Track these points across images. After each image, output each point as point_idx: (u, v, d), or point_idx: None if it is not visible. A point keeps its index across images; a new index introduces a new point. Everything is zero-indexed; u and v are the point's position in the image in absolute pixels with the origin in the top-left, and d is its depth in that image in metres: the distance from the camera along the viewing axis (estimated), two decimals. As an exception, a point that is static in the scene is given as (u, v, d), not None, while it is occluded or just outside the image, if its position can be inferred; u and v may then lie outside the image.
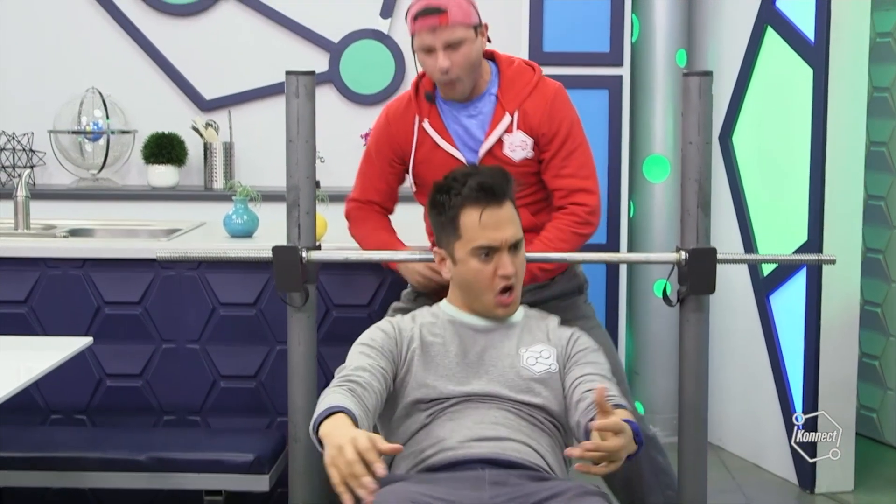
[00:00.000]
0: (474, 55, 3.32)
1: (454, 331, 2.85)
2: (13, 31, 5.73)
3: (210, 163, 5.58)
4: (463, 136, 3.39)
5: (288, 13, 5.71)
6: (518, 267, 2.79)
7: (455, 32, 3.27)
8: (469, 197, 2.76)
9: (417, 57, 3.36)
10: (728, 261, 3.04)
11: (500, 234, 2.76)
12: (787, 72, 4.41)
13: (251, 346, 4.01)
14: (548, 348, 2.83)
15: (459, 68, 3.28)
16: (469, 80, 3.34)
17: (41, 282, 3.98)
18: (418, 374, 2.78)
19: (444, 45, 3.26)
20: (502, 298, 2.80)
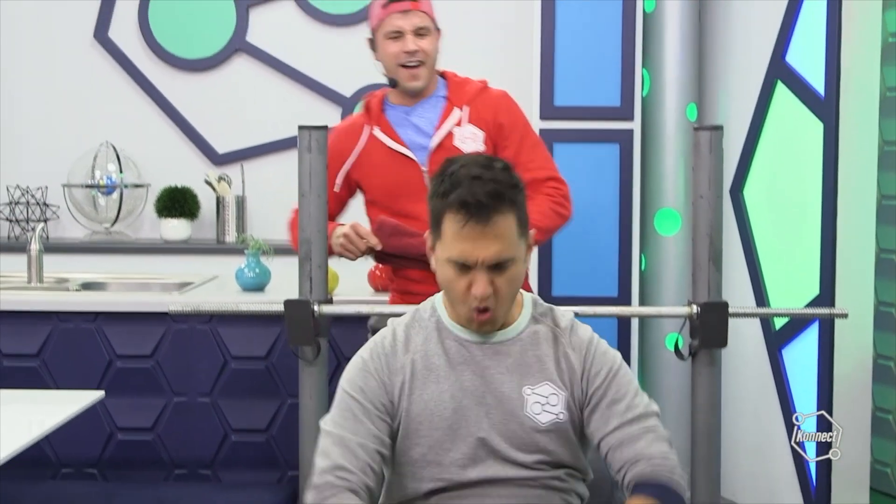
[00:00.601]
0: (436, 49, 3.54)
1: (452, 354, 2.44)
2: (28, 85, 5.77)
3: (222, 216, 5.60)
4: (413, 136, 3.50)
5: (300, 68, 5.74)
6: (501, 287, 2.35)
7: (424, 19, 3.49)
8: (451, 205, 2.34)
9: (380, 47, 3.52)
10: (740, 314, 3.04)
11: (477, 251, 2.32)
12: (798, 126, 4.42)
13: (262, 399, 4.00)
14: (556, 392, 2.41)
15: (425, 55, 3.47)
16: (429, 73, 3.52)
17: (53, 335, 3.99)
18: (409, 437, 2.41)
19: (414, 30, 3.46)
20: (476, 315, 2.37)
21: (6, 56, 5.76)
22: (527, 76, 4.94)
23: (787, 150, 4.56)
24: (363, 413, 2.37)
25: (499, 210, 2.32)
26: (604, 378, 2.42)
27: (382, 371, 2.41)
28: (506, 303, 2.40)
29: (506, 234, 2.34)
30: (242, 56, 5.78)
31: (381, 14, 3.49)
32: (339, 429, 2.36)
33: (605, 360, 2.45)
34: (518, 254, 2.37)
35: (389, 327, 2.50)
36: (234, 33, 5.76)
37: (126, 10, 5.75)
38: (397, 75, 3.50)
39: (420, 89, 3.52)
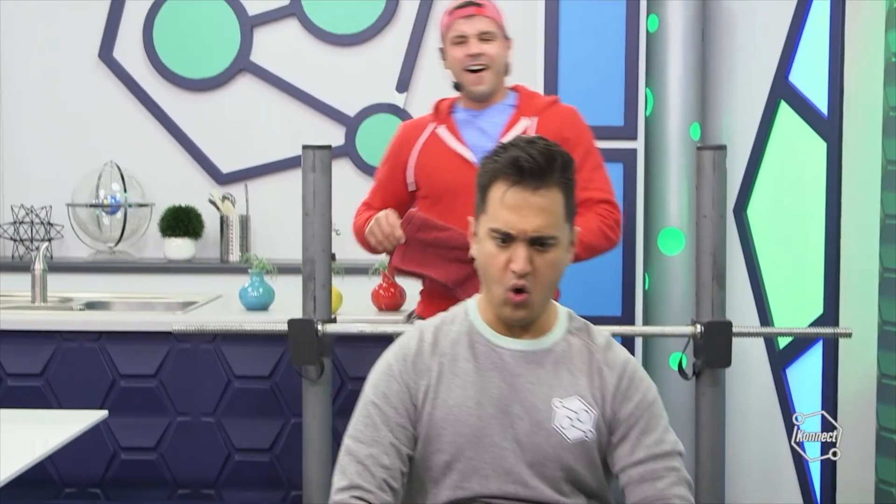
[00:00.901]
0: (501, 56, 3.53)
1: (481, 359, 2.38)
2: (33, 104, 5.78)
3: (226, 236, 5.61)
4: (476, 138, 3.50)
5: (304, 87, 5.76)
6: (540, 268, 2.28)
7: (488, 24, 3.50)
8: (500, 169, 2.29)
9: (447, 54, 3.54)
10: (743, 334, 3.04)
11: (520, 220, 2.26)
12: (801, 145, 4.42)
13: (266, 419, 4.00)
14: (587, 409, 2.34)
15: (490, 59, 3.47)
16: (495, 77, 3.51)
17: (57, 354, 3.99)
18: (431, 443, 2.36)
19: (478, 34, 3.47)
20: (511, 296, 2.30)
21: (11, 75, 5.77)
22: (530, 96, 4.94)
23: (790, 170, 4.57)
24: (383, 421, 2.34)
25: (550, 178, 2.27)
26: (637, 405, 2.38)
27: (407, 373, 2.37)
28: (543, 290, 2.33)
29: (552, 209, 2.28)
30: (246, 76, 5.79)
31: (447, 20, 3.54)
32: (357, 443, 2.33)
33: (640, 387, 2.40)
34: (561, 236, 2.31)
35: (417, 328, 2.45)
36: (239, 53, 5.77)
37: (131, 30, 5.77)
38: (463, 80, 3.52)
39: (486, 94, 3.52)
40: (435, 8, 5.70)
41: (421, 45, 5.71)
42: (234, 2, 5.76)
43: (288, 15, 5.77)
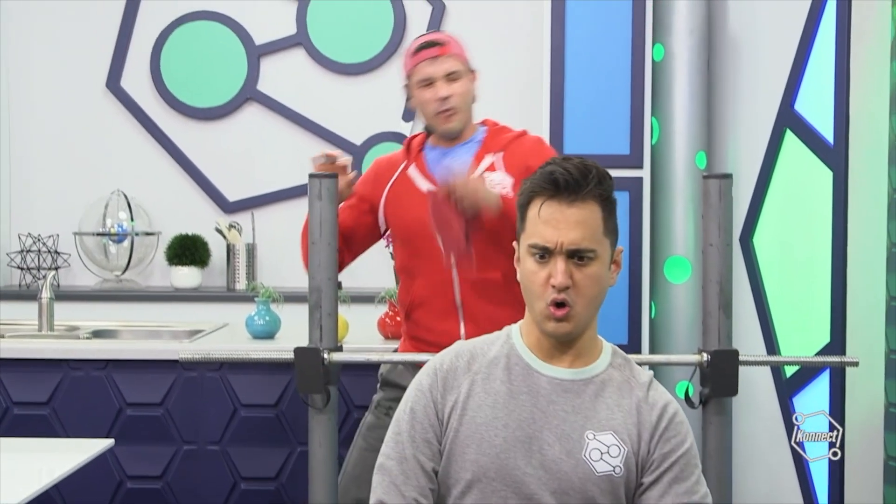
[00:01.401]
0: (469, 92, 3.52)
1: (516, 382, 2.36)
2: (41, 133, 5.81)
3: (233, 264, 5.62)
4: (444, 176, 3.45)
5: (311, 116, 5.78)
6: (581, 282, 2.28)
7: (454, 64, 3.48)
8: (536, 185, 2.31)
9: (414, 96, 3.51)
10: (750, 362, 3.04)
11: (556, 233, 2.27)
12: (807, 174, 4.43)
13: (272, 447, 4.00)
14: (618, 444, 2.32)
15: (458, 98, 3.46)
16: (465, 115, 3.51)
17: (64, 383, 3.99)
18: (455, 461, 2.34)
19: (444, 75, 3.45)
20: (553, 310, 2.29)
21: (19, 104, 5.80)
22: (536, 124, 4.96)
23: (796, 198, 4.57)
24: (409, 438, 2.35)
25: (587, 192, 2.29)
26: (673, 450, 2.34)
27: (436, 388, 2.37)
28: (586, 305, 2.32)
29: (589, 222, 2.30)
30: (253, 105, 5.81)
31: (411, 63, 3.50)
32: (387, 460, 2.35)
33: (679, 431, 2.37)
34: (601, 251, 2.31)
35: (455, 346, 2.46)
36: (245, 82, 5.80)
37: (138, 60, 5.80)
38: (433, 122, 3.50)
39: (457, 131, 3.51)
40: (441, 37, 5.72)
41: (427, 74, 5.73)
42: (241, 31, 5.78)
43: (295, 44, 5.80)
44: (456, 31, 5.72)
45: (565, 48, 4.83)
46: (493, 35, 5.72)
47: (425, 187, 3.45)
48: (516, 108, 5.60)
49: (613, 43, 4.83)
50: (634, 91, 4.83)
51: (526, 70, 5.61)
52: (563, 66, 4.82)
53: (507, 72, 5.69)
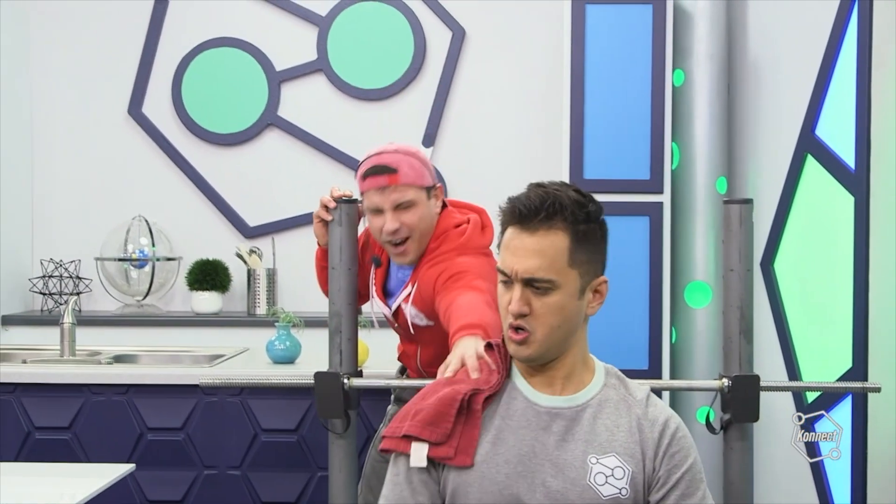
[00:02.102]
0: (427, 219, 3.23)
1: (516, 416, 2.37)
2: (63, 159, 5.84)
3: (253, 289, 5.63)
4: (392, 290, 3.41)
5: (331, 142, 5.79)
6: (538, 310, 2.29)
7: (406, 193, 3.20)
8: (504, 211, 2.35)
9: (366, 217, 3.26)
10: (772, 388, 3.02)
11: (514, 261, 2.29)
12: (828, 199, 4.41)
13: (292, 472, 3.99)
14: (622, 466, 2.32)
15: (409, 229, 3.21)
16: (419, 244, 3.25)
17: (85, 408, 4.00)
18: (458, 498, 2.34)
19: (394, 206, 3.19)
20: (511, 334, 2.33)
21: (42, 131, 5.83)
22: (556, 149, 4.97)
23: (817, 224, 4.56)
24: (406, 482, 2.36)
25: (549, 222, 2.29)
26: (678, 465, 2.36)
27: None
28: (547, 334, 2.32)
29: (549, 252, 2.29)
30: (274, 130, 5.83)
31: (362, 186, 3.25)
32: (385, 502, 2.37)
33: (683, 446, 2.39)
34: (562, 281, 2.30)
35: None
36: (266, 108, 5.82)
37: (160, 87, 5.83)
38: (386, 249, 3.31)
39: (412, 262, 3.29)
40: (461, 63, 5.74)
41: (447, 100, 5.74)
42: (261, 57, 5.81)
43: (315, 70, 5.82)
44: (475, 56, 5.75)
45: (585, 74, 4.83)
46: (513, 61, 5.74)
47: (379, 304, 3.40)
48: (537, 133, 5.62)
49: (634, 68, 4.83)
50: (655, 116, 4.83)
51: (546, 95, 5.62)
52: (583, 91, 4.83)
53: (527, 97, 5.70)
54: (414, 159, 3.23)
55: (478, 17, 5.77)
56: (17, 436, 3.99)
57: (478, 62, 5.76)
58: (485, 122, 5.73)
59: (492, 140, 5.71)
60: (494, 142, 5.71)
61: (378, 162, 3.21)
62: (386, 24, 5.79)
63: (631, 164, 4.87)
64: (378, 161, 3.21)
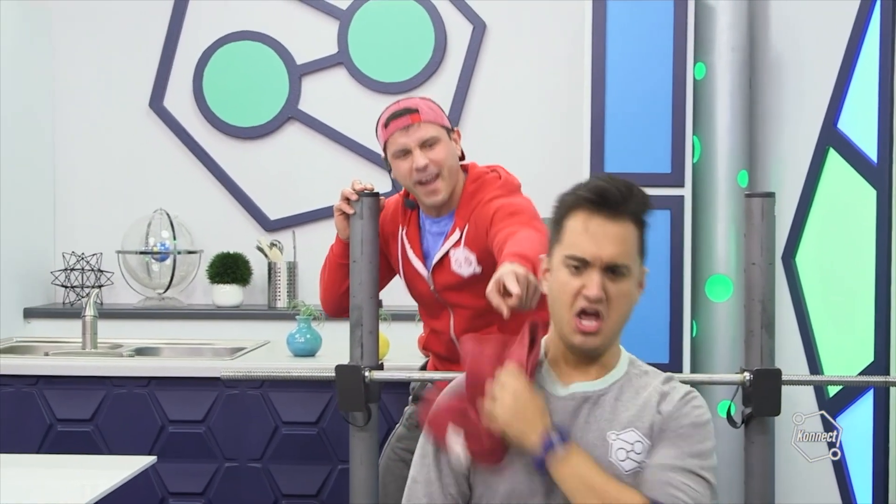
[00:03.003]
0: (452, 156, 3.33)
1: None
2: (84, 153, 5.85)
3: (274, 282, 5.64)
4: (430, 247, 3.43)
5: (352, 135, 5.80)
6: (614, 296, 2.33)
7: (428, 130, 3.29)
8: (580, 199, 2.35)
9: (392, 167, 3.36)
10: (793, 382, 3.02)
11: (596, 247, 2.31)
12: (850, 192, 4.40)
13: (313, 465, 4.00)
14: (641, 440, 2.35)
15: (437, 165, 3.29)
16: (449, 182, 3.32)
17: (107, 400, 4.02)
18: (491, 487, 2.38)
19: (419, 144, 3.28)
20: (580, 322, 2.34)
21: (63, 124, 5.85)
22: (577, 142, 4.96)
23: (839, 217, 4.54)
24: (435, 461, 2.42)
25: (627, 210, 2.35)
26: (685, 415, 2.38)
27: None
28: (617, 321, 2.37)
29: (628, 240, 2.35)
30: (295, 124, 5.84)
31: (384, 134, 3.35)
32: (414, 483, 2.43)
33: (693, 409, 2.41)
34: (634, 269, 2.37)
35: (457, 382, 2.51)
36: (287, 101, 5.82)
37: (181, 80, 5.84)
38: (415, 193, 3.36)
39: (443, 202, 3.35)
40: (482, 56, 5.74)
41: (468, 93, 5.74)
42: (282, 51, 5.82)
43: (336, 64, 5.82)
44: (496, 49, 5.75)
45: (606, 66, 4.82)
46: (534, 53, 5.73)
47: (419, 266, 3.42)
48: (558, 126, 5.61)
49: (655, 61, 4.82)
50: (676, 109, 4.82)
51: (567, 89, 5.61)
52: (604, 84, 4.82)
53: (548, 90, 5.70)
54: (431, 102, 3.36)
55: (499, 10, 5.76)
56: (40, 428, 4.01)
57: (498, 56, 5.75)
58: (505, 115, 5.72)
59: (512, 134, 5.71)
60: (515, 136, 5.71)
61: (398, 107, 3.33)
62: (407, 18, 5.79)
63: (652, 158, 4.86)
64: (398, 106, 3.33)
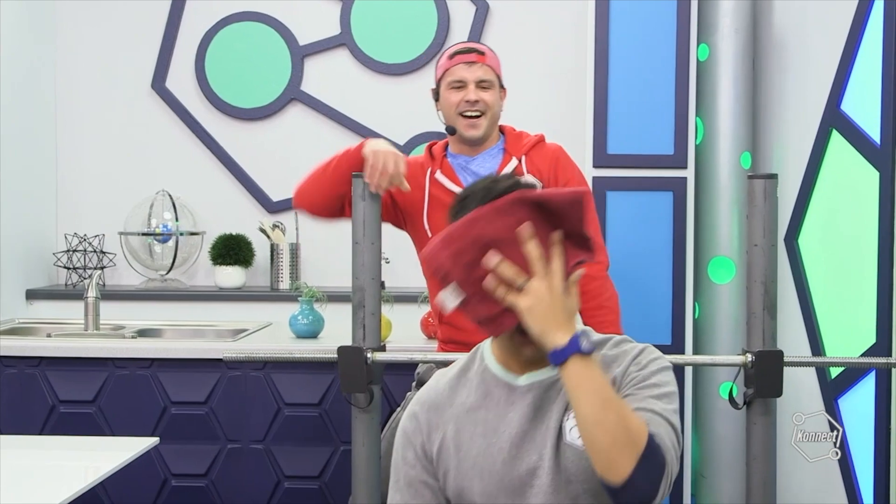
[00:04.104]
0: (498, 105, 3.60)
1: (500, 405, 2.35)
2: (87, 134, 5.85)
3: (276, 264, 5.64)
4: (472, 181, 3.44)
5: (355, 116, 5.79)
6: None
7: (488, 73, 3.56)
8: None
9: (443, 97, 3.57)
10: (795, 363, 3.02)
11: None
12: (853, 174, 4.39)
13: (315, 446, 4.01)
14: None
15: (486, 105, 3.53)
16: (489, 124, 3.56)
17: (109, 382, 4.02)
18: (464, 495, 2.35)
19: (477, 81, 3.53)
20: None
21: (65, 105, 5.84)
22: (580, 124, 4.95)
23: (842, 199, 4.54)
24: (407, 486, 2.38)
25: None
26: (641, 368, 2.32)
27: (420, 432, 2.40)
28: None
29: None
30: (297, 105, 5.83)
31: (447, 64, 3.56)
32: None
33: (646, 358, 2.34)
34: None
35: (435, 381, 2.46)
36: (289, 83, 5.82)
37: (183, 61, 5.83)
38: (457, 124, 3.55)
39: (479, 139, 3.55)
40: (485, 37, 5.73)
41: (470, 75, 5.73)
42: (285, 32, 5.81)
43: (338, 45, 5.82)
44: (499, 31, 5.74)
45: (609, 48, 4.81)
46: (536, 35, 5.72)
47: (456, 191, 3.49)
48: (560, 108, 5.60)
49: (658, 43, 4.81)
50: (679, 91, 4.81)
51: (570, 70, 5.60)
52: (607, 65, 4.81)
53: (551, 72, 5.69)
54: (497, 56, 3.66)
55: (501, -9, 5.75)
56: (42, 409, 4.02)
57: (501, 37, 5.74)
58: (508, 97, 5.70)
59: (515, 115, 5.67)
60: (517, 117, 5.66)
61: (467, 45, 3.61)
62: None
63: (655, 140, 4.85)
64: (467, 44, 3.61)
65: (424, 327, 4.26)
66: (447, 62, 3.57)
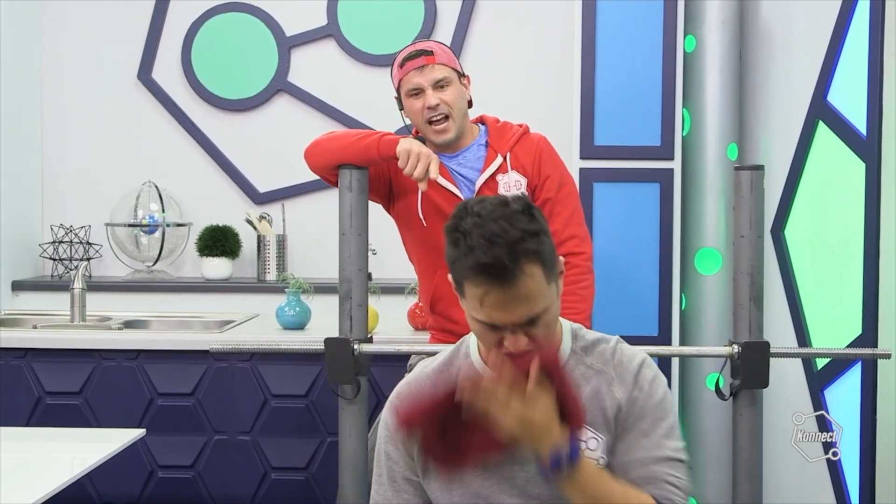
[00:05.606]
0: (462, 99, 3.50)
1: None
2: (73, 124, 5.83)
3: (263, 255, 5.63)
4: (458, 179, 3.49)
5: (342, 108, 5.78)
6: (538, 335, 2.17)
7: (441, 71, 3.47)
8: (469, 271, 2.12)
9: (405, 106, 3.53)
10: (781, 354, 3.03)
11: (505, 315, 2.13)
12: (840, 165, 4.40)
13: (302, 437, 4.01)
14: (596, 437, 2.25)
15: (448, 106, 3.45)
16: (458, 123, 3.48)
17: (95, 373, 4.01)
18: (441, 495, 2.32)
19: (433, 84, 3.45)
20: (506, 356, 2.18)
21: (51, 96, 5.83)
22: (567, 115, 4.95)
23: (828, 190, 4.55)
24: (390, 482, 2.35)
25: (522, 269, 2.10)
26: (645, 398, 2.27)
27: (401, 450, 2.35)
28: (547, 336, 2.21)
29: (533, 289, 2.13)
30: (284, 96, 5.82)
31: (399, 73, 3.51)
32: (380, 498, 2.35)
33: (652, 386, 2.29)
34: (549, 300, 2.17)
35: (417, 372, 2.42)
36: (276, 74, 5.81)
37: (169, 52, 5.82)
38: (425, 132, 3.50)
39: (450, 142, 3.50)
40: (472, 28, 5.72)
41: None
42: (271, 23, 5.80)
43: (325, 36, 5.81)
44: (486, 21, 5.73)
45: (596, 39, 4.81)
46: (523, 26, 5.72)
47: (445, 185, 3.48)
48: (547, 99, 5.60)
49: (645, 34, 4.81)
50: (666, 82, 4.81)
51: (557, 61, 5.60)
52: (593, 57, 4.81)
53: (538, 63, 5.69)
54: (444, 46, 3.57)
55: (488, -18, 5.75)
56: (28, 401, 4.01)
57: (488, 28, 5.74)
58: (494, 88, 5.70)
59: (501, 106, 5.66)
60: (504, 108, 5.66)
61: (414, 48, 3.53)
62: (396, -10, 5.77)
63: (641, 131, 4.85)
64: (414, 47, 3.53)
65: (411, 318, 4.26)
66: (399, 71, 3.52)
